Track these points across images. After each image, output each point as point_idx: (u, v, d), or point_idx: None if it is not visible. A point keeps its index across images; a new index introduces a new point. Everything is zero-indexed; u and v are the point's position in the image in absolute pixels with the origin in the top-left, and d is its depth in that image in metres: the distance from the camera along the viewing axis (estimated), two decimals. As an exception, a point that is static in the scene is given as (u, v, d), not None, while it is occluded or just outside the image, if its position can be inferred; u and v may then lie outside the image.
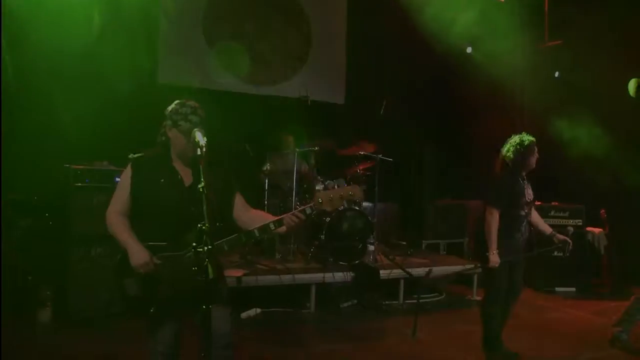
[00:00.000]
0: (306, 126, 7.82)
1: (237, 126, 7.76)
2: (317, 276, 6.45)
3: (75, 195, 5.66)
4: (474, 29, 8.67)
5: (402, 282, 6.93)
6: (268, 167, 7.59)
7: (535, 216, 5.10)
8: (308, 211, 3.06)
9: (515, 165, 4.83)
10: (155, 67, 8.20)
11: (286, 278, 6.26)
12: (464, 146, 9.76)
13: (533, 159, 4.84)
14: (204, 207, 2.60)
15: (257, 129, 8.27)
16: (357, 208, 7.20)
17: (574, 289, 7.98)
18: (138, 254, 2.94)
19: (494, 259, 4.66)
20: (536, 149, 4.85)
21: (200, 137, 2.82)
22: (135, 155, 3.12)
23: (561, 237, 4.95)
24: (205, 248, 2.61)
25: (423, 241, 8.74)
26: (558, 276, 8.00)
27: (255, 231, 3.06)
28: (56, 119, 6.70)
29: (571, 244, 4.91)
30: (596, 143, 8.39)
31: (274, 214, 7.33)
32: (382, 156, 7.37)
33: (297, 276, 6.33)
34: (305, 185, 7.45)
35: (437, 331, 4.81)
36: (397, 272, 6.81)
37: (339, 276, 6.52)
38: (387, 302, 6.81)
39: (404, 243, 8.06)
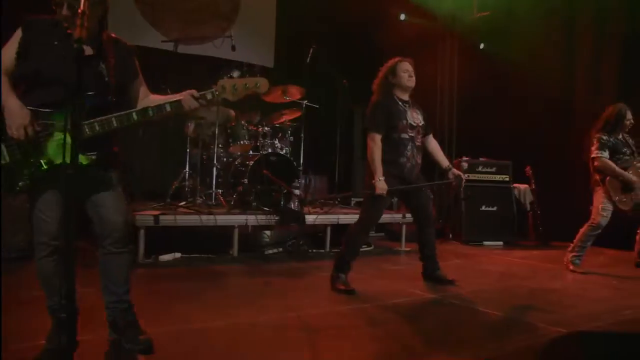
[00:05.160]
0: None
1: (159, 84, 7.38)
2: (240, 218, 6.17)
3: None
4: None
5: (328, 229, 6.75)
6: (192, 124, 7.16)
7: (433, 146, 5.00)
8: (209, 96, 2.92)
9: (385, 86, 4.72)
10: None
11: (207, 219, 5.94)
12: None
13: (403, 77, 4.66)
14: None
15: (182, 88, 7.91)
16: (282, 153, 6.97)
17: (501, 243, 7.99)
18: (17, 114, 2.60)
19: (380, 185, 4.44)
20: (405, 67, 4.68)
21: None
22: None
23: (456, 171, 4.87)
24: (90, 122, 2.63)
25: (352, 199, 8.59)
26: (485, 230, 8.01)
27: (150, 110, 2.83)
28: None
29: (464, 180, 4.86)
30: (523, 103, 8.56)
31: (196, 164, 6.89)
32: (308, 102, 7.18)
33: (219, 217, 6.01)
34: (229, 131, 7.14)
35: (364, 269, 4.85)
36: (323, 218, 6.64)
37: (263, 219, 6.27)
38: (313, 250, 6.61)
39: (332, 201, 7.83)
